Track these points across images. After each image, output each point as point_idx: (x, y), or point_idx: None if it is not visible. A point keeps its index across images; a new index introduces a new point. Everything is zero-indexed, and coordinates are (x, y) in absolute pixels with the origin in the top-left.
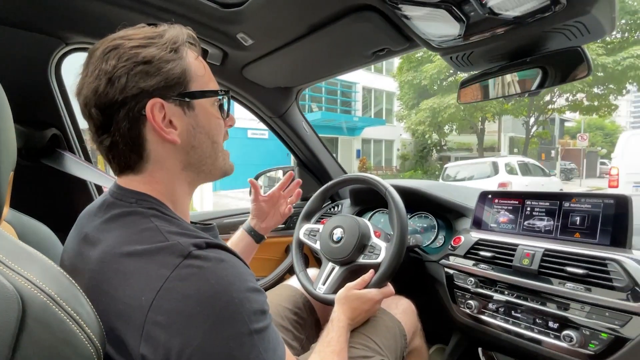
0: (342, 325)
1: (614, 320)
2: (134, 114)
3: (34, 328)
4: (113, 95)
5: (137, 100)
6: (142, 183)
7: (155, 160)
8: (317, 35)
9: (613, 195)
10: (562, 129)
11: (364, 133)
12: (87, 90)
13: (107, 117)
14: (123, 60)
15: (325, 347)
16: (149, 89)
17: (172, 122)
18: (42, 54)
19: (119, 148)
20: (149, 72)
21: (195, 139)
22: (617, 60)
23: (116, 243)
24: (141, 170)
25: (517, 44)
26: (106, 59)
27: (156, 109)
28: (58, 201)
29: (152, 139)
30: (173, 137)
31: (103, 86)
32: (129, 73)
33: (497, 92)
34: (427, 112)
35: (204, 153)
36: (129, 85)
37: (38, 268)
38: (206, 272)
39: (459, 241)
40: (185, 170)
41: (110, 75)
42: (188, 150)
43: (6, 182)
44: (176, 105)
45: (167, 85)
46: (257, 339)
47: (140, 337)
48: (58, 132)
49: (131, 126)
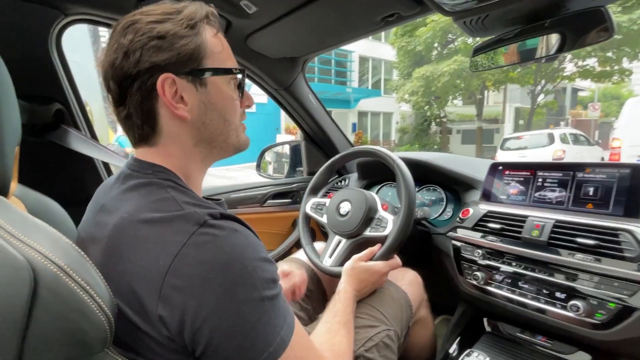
0: (348, 296)
1: (622, 290)
2: (146, 87)
3: (46, 297)
4: (127, 69)
5: (150, 75)
6: (158, 155)
7: (168, 134)
8: (324, 1)
9: (630, 164)
10: (575, 99)
11: (360, 105)
12: (106, 63)
13: (122, 90)
14: (139, 35)
15: (332, 318)
16: (161, 64)
17: (184, 98)
18: (42, 26)
19: (133, 120)
20: (161, 47)
21: (207, 116)
22: (634, 19)
23: (134, 211)
24: (155, 144)
25: (535, 5)
26: (125, 34)
27: (167, 84)
28: (65, 177)
29: (164, 114)
30: (182, 112)
31: (120, 60)
32: (143, 47)
33: (513, 58)
34: (421, 80)
35: (215, 130)
36: (143, 59)
37: (48, 240)
38: (221, 240)
39: (467, 213)
40: (197, 146)
41: (127, 49)
42: (199, 126)
43: (12, 156)
44: (188, 82)
45: (180, 61)
46: (268, 305)
47: (158, 299)
48: (62, 106)
49: (143, 99)
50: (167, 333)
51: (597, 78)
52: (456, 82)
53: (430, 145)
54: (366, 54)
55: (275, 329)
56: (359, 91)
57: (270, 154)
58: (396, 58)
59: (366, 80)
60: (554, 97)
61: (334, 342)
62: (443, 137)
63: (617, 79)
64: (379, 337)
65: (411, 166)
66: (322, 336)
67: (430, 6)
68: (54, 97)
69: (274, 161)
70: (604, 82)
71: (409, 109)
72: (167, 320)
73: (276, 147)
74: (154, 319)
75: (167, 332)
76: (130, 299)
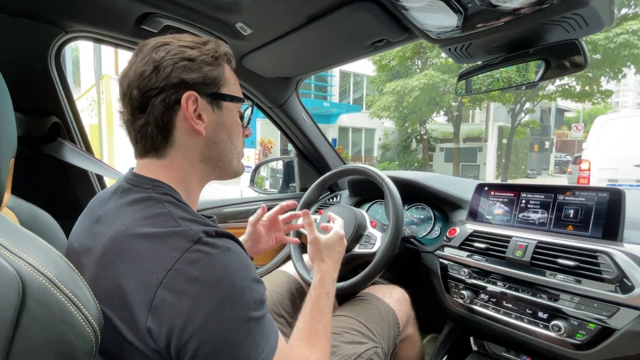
0: (326, 291)
1: (601, 311)
2: (170, 101)
3: (34, 308)
4: (155, 81)
5: (176, 90)
6: (161, 167)
7: (179, 146)
8: (315, 26)
9: (607, 188)
10: (560, 119)
11: (341, 121)
12: (133, 73)
13: (145, 99)
14: (171, 54)
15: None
16: (189, 81)
17: (201, 116)
18: (42, 43)
19: (148, 129)
20: (191, 67)
21: (218, 136)
22: (610, 37)
23: (131, 224)
24: (163, 155)
25: (515, 36)
26: (157, 51)
27: (191, 100)
28: (59, 189)
29: (180, 127)
30: (200, 128)
31: (149, 72)
32: (175, 65)
33: (496, 84)
34: (392, 95)
35: (223, 150)
36: (172, 75)
37: (37, 252)
38: (213, 258)
39: (454, 232)
40: (202, 162)
41: (158, 64)
42: (210, 144)
43: (7, 168)
44: (207, 102)
45: (204, 83)
46: (253, 325)
47: (148, 312)
48: (58, 120)
49: (165, 111)
50: (155, 346)
51: (578, 98)
52: (431, 97)
53: (412, 163)
54: (348, 69)
55: (258, 349)
56: (338, 106)
57: (266, 169)
58: (374, 73)
59: (347, 95)
60: (540, 116)
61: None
62: (424, 155)
63: (598, 99)
64: (367, 355)
65: (400, 185)
66: (301, 348)
67: (417, 33)
68: (51, 111)
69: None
70: (584, 102)
71: (393, 126)
72: (155, 333)
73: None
74: (143, 331)
75: (154, 345)
76: (121, 310)
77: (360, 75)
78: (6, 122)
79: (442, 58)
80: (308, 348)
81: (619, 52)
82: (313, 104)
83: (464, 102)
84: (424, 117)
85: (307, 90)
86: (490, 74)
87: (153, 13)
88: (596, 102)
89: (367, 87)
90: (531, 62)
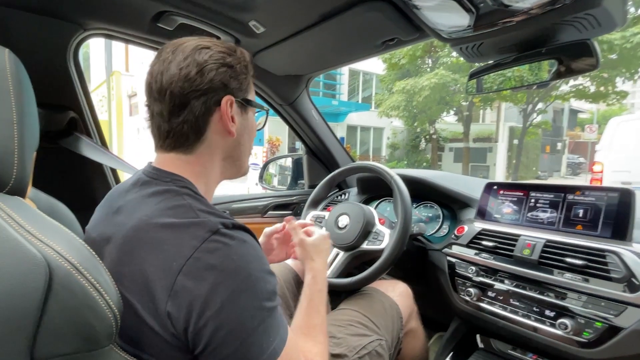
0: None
1: (609, 310)
2: (211, 103)
3: (59, 292)
4: (200, 83)
5: (217, 93)
6: (186, 163)
7: (208, 145)
8: (327, 24)
9: (617, 188)
10: (574, 120)
11: (350, 119)
12: (175, 72)
13: (186, 99)
14: (214, 59)
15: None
16: (230, 87)
17: (234, 119)
18: (62, 40)
19: (184, 127)
20: (232, 74)
21: (243, 137)
22: (626, 37)
23: (153, 214)
24: (192, 151)
25: (527, 36)
26: (199, 53)
27: (229, 104)
28: (76, 182)
29: (214, 127)
30: (233, 130)
31: (194, 74)
32: (218, 69)
33: (506, 83)
34: (402, 95)
35: (244, 151)
36: (216, 79)
37: (63, 240)
38: (230, 248)
39: (462, 231)
40: (224, 160)
41: (202, 67)
42: (235, 145)
43: (31, 160)
44: (239, 107)
45: (240, 89)
46: (266, 314)
47: (168, 296)
48: (76, 115)
49: (205, 112)
50: (173, 330)
51: (592, 99)
52: (441, 96)
53: (420, 162)
54: (357, 67)
55: (269, 338)
56: (346, 104)
57: (275, 166)
58: (384, 71)
59: (356, 94)
60: (552, 117)
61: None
62: (433, 154)
63: (613, 100)
64: (371, 346)
65: (409, 183)
66: (303, 343)
67: (428, 32)
68: (69, 106)
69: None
70: (599, 102)
71: (402, 125)
72: (174, 317)
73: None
74: (163, 315)
75: (172, 329)
76: (142, 295)
77: (370, 74)
78: (31, 117)
79: (453, 57)
80: (309, 342)
81: (636, 52)
82: (322, 102)
83: (474, 101)
84: (433, 117)
85: (316, 89)
86: (502, 72)
87: (169, 11)
88: (611, 103)
89: (377, 85)
90: (544, 62)
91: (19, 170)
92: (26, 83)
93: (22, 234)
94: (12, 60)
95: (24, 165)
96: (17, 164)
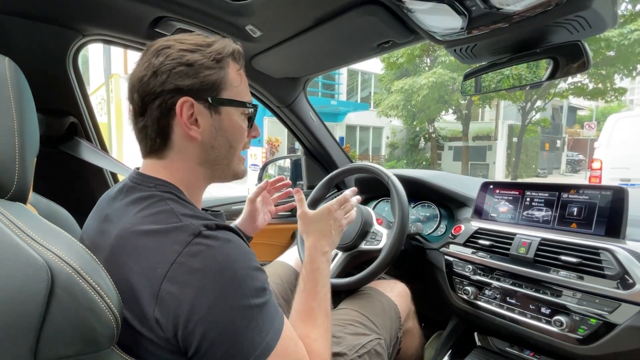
0: (316, 267)
1: (603, 307)
2: (167, 106)
3: (61, 296)
4: (153, 86)
5: (172, 95)
6: (163, 168)
7: (178, 150)
8: (323, 28)
9: (611, 187)
10: (573, 117)
11: (349, 119)
12: (135, 77)
13: (144, 104)
14: (169, 59)
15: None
16: (184, 88)
17: (198, 121)
18: (61, 46)
19: (148, 132)
20: (187, 73)
21: (216, 140)
22: (624, 33)
23: (135, 222)
24: (164, 157)
25: (520, 37)
26: (157, 55)
27: (186, 106)
28: (76, 186)
29: (178, 131)
30: (194, 133)
31: (148, 77)
32: (171, 71)
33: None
34: (400, 94)
35: (221, 154)
36: (168, 81)
37: (64, 244)
38: (214, 250)
39: (459, 230)
40: (201, 166)
41: (156, 69)
42: (207, 148)
43: (32, 166)
44: (205, 107)
45: (201, 88)
46: (256, 312)
47: (155, 303)
48: (76, 120)
49: (161, 116)
50: (163, 334)
51: (591, 96)
52: (439, 95)
53: (420, 162)
54: (355, 67)
55: (262, 334)
56: (345, 104)
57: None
58: (382, 71)
59: (355, 93)
60: (551, 115)
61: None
62: (432, 153)
63: (612, 97)
64: (370, 345)
65: (406, 183)
66: (301, 329)
67: (422, 35)
68: (68, 111)
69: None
70: (597, 100)
71: (401, 124)
72: (163, 323)
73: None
74: (151, 321)
75: (162, 334)
76: (131, 304)
77: (368, 74)
78: (31, 123)
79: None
80: (308, 327)
81: (634, 49)
82: (320, 102)
83: (473, 100)
84: (432, 116)
85: (315, 89)
86: (500, 71)
87: (166, 17)
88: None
89: (375, 85)
90: (541, 60)
91: (20, 177)
92: (26, 90)
93: (24, 239)
94: (12, 69)
95: (25, 172)
96: (19, 171)
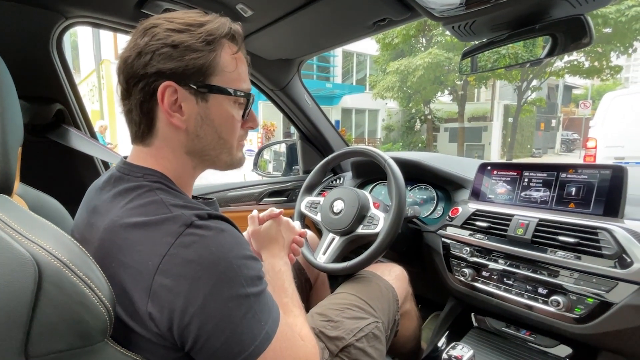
0: (277, 269)
1: (600, 286)
2: (149, 90)
3: (50, 290)
4: (137, 68)
5: (155, 79)
6: (150, 156)
7: (163, 137)
8: (316, 6)
9: (610, 165)
10: (568, 96)
11: (344, 102)
12: (121, 57)
13: (128, 86)
14: (155, 39)
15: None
16: (166, 71)
17: (182, 108)
18: (43, 29)
19: (132, 116)
20: (172, 55)
21: (202, 129)
22: (621, 10)
23: (123, 214)
24: (149, 144)
25: (520, 12)
26: (143, 35)
27: (168, 91)
28: (66, 175)
29: (162, 118)
30: (177, 121)
31: (132, 58)
32: (155, 52)
33: (501, 61)
34: (395, 75)
35: (208, 145)
36: (151, 63)
37: (51, 237)
38: (207, 240)
39: (456, 212)
40: (188, 155)
41: (140, 50)
42: (192, 137)
43: (15, 156)
44: (190, 93)
45: (186, 73)
46: (253, 301)
47: (148, 298)
48: (62, 107)
49: (144, 100)
50: (157, 330)
51: (587, 74)
52: (435, 76)
53: (416, 144)
54: (350, 48)
55: (260, 323)
56: (340, 87)
57: (269, 152)
58: (378, 52)
59: (350, 76)
60: (547, 94)
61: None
62: (428, 135)
63: (608, 75)
64: (368, 329)
65: (403, 166)
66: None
67: (419, 12)
68: (54, 98)
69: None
70: (593, 78)
71: (396, 106)
72: (156, 317)
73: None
74: (144, 316)
75: (156, 329)
76: (122, 299)
77: (364, 55)
78: (12, 111)
79: (447, 36)
80: (289, 319)
81: (630, 26)
82: (315, 85)
83: (469, 80)
84: (428, 97)
85: (310, 72)
86: (497, 50)
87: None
88: (605, 79)
89: (371, 67)
90: (538, 38)
91: (3, 168)
92: (5, 75)
93: (9, 233)
94: None
95: (8, 162)
96: (1, 161)
